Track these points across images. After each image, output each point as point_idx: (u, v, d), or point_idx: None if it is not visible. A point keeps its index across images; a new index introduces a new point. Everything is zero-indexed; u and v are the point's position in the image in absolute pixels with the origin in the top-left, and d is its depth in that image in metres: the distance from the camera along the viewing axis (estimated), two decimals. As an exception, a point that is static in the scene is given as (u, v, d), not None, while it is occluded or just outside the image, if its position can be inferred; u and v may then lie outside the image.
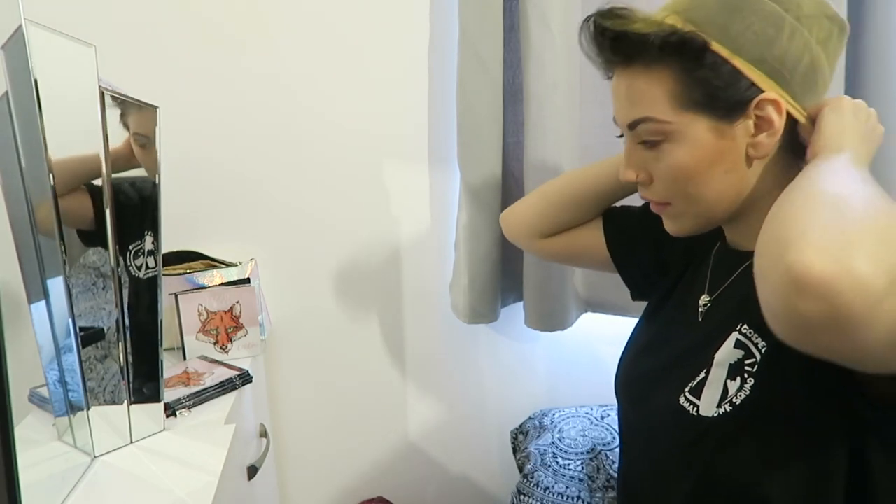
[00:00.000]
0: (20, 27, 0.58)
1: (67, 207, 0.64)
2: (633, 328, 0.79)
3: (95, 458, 0.70)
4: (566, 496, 0.97)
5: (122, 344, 0.71)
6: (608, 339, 1.04)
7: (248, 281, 1.06)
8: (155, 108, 0.74)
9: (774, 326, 0.42)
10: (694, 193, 0.59)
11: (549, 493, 0.97)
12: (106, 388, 0.71)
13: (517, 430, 1.21)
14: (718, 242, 0.68)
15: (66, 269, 0.64)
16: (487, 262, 1.14)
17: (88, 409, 0.69)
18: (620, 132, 0.64)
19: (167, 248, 0.87)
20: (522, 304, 1.19)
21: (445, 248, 1.24)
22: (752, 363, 0.54)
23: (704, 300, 0.65)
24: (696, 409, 0.57)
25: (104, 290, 0.69)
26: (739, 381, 0.54)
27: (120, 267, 0.71)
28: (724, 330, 0.58)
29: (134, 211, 0.74)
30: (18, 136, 0.62)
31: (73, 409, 0.70)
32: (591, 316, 1.24)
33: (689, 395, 0.58)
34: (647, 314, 0.78)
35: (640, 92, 0.58)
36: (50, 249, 0.64)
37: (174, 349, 1.02)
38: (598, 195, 0.81)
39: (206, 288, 1.03)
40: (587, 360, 1.31)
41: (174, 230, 0.93)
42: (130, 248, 0.73)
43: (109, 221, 0.68)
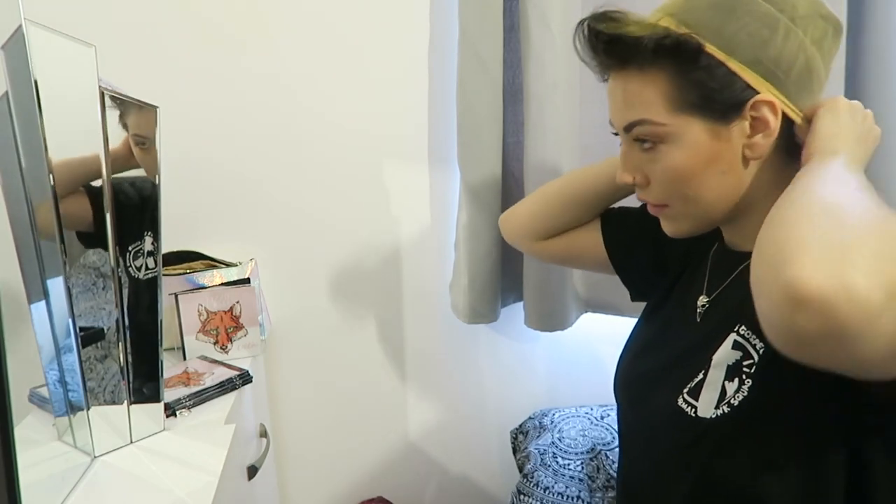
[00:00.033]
0: (20, 27, 0.58)
1: (66, 210, 0.63)
2: (632, 328, 0.79)
3: (95, 458, 0.70)
4: (566, 496, 0.97)
5: (122, 344, 0.71)
6: (608, 339, 1.04)
7: (248, 281, 1.06)
8: (155, 108, 0.74)
9: (772, 338, 0.42)
10: (691, 195, 0.59)
11: (549, 492, 0.97)
12: (106, 388, 0.71)
13: (517, 430, 1.21)
14: (717, 243, 0.68)
15: (66, 269, 0.64)
16: (487, 262, 1.14)
17: (88, 409, 0.69)
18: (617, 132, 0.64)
19: (167, 248, 0.87)
20: (522, 304, 1.19)
21: (445, 248, 1.24)
22: (750, 364, 0.54)
23: (703, 301, 0.65)
24: (694, 410, 0.57)
25: (104, 290, 0.69)
26: (737, 382, 0.54)
27: (120, 268, 0.71)
28: (722, 331, 0.58)
29: (133, 212, 0.74)
30: (18, 136, 0.62)
31: (73, 409, 0.70)
32: (590, 316, 1.24)
33: (687, 396, 0.58)
34: (645, 314, 0.78)
35: (635, 95, 0.58)
36: (50, 250, 0.64)
37: (174, 349, 1.02)
38: (595, 197, 0.81)
39: (206, 288, 1.03)
40: (587, 360, 1.31)
41: (174, 230, 0.93)
42: (130, 248, 0.73)
43: (109, 222, 0.68)
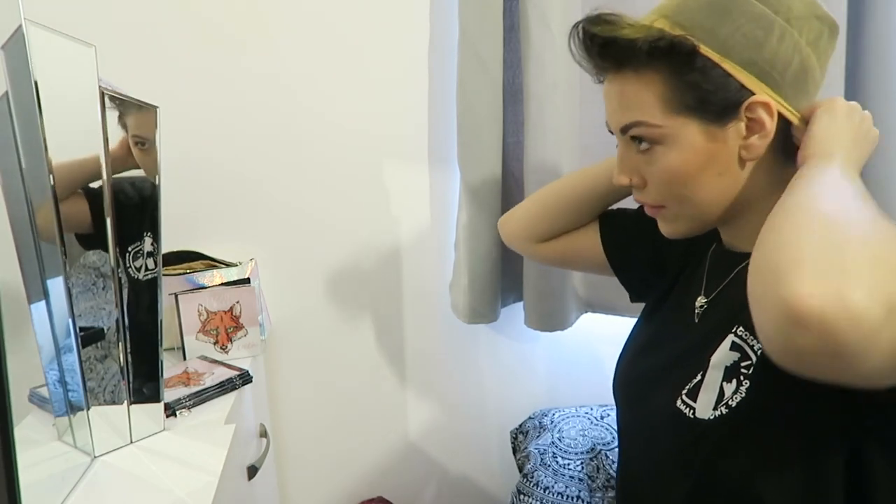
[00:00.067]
0: (20, 27, 0.58)
1: (65, 212, 0.63)
2: (631, 329, 0.79)
3: (95, 458, 0.70)
4: (566, 496, 0.97)
5: (122, 344, 0.71)
6: (608, 338, 1.04)
7: (248, 281, 1.06)
8: (155, 108, 0.74)
9: (771, 354, 0.41)
10: (687, 196, 0.59)
11: (548, 492, 0.97)
12: (106, 388, 0.71)
13: (517, 429, 1.21)
14: (715, 244, 0.68)
15: (66, 269, 0.64)
16: (487, 262, 1.14)
17: (88, 409, 0.69)
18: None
19: (167, 248, 0.87)
20: (522, 304, 1.19)
21: (445, 248, 1.24)
22: (747, 365, 0.53)
23: (701, 301, 0.65)
24: (692, 411, 0.57)
25: (104, 290, 0.69)
26: (735, 383, 0.54)
27: (119, 268, 0.70)
28: (719, 332, 0.57)
29: (133, 212, 0.73)
30: (18, 136, 0.62)
31: (73, 409, 0.70)
32: (590, 316, 1.24)
33: (685, 397, 0.58)
34: (644, 315, 0.78)
35: (630, 96, 0.58)
36: (50, 250, 0.64)
37: (174, 349, 1.02)
38: (593, 198, 0.81)
39: (206, 288, 1.03)
40: (587, 360, 1.31)
41: (174, 230, 0.93)
42: (130, 249, 0.73)
43: (109, 223, 0.68)
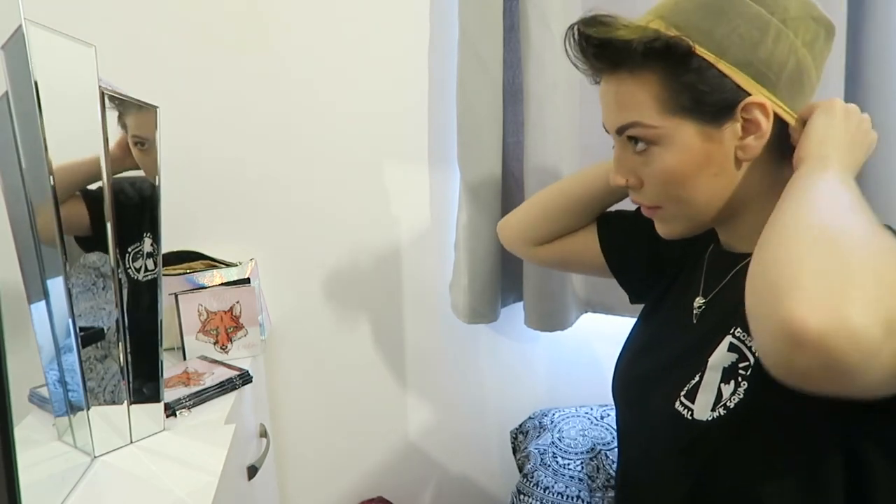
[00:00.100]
0: (20, 27, 0.58)
1: (63, 216, 0.63)
2: (630, 329, 0.79)
3: (95, 458, 0.70)
4: (566, 496, 0.97)
5: (122, 344, 0.71)
6: (608, 338, 1.04)
7: (248, 281, 1.06)
8: (155, 108, 0.74)
9: (770, 369, 0.41)
10: (684, 197, 0.59)
11: (548, 492, 0.97)
12: (106, 388, 0.71)
13: (517, 429, 1.21)
14: (712, 244, 0.68)
15: (66, 269, 0.64)
16: (487, 262, 1.14)
17: (88, 409, 0.69)
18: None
19: (167, 248, 0.87)
20: (522, 304, 1.19)
21: (445, 248, 1.24)
22: (745, 367, 0.53)
23: (699, 302, 0.65)
24: (690, 412, 0.57)
25: (104, 290, 0.69)
26: (733, 384, 0.54)
27: (119, 269, 0.70)
28: (717, 333, 0.57)
29: (132, 213, 0.73)
30: (18, 136, 0.62)
31: (73, 409, 0.70)
32: (590, 316, 1.24)
33: (684, 398, 0.58)
34: (643, 315, 0.78)
35: (626, 97, 0.58)
36: (50, 251, 0.64)
37: (174, 349, 1.02)
38: (590, 200, 0.81)
39: (206, 288, 1.03)
40: (587, 360, 1.31)
41: (174, 230, 0.93)
42: (129, 250, 0.73)
43: (109, 223, 0.68)
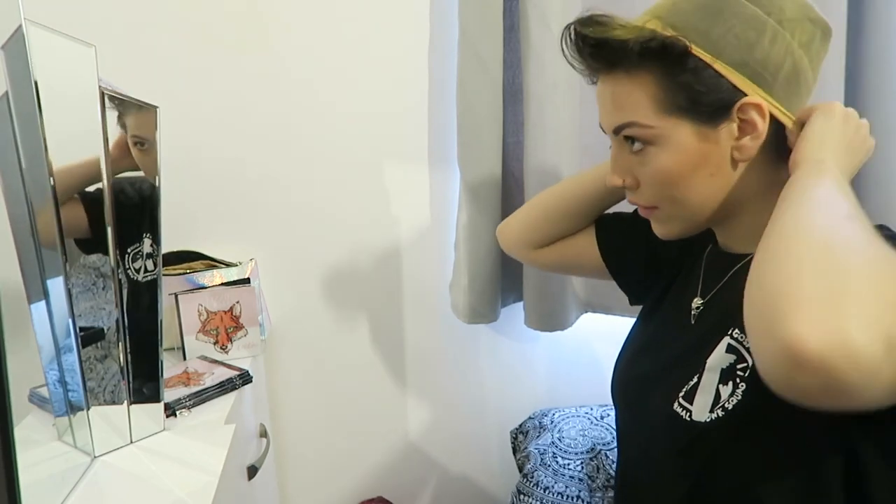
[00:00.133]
0: (20, 27, 0.58)
1: (62, 219, 0.63)
2: (629, 330, 0.79)
3: (95, 458, 0.70)
4: (566, 496, 0.97)
5: (122, 344, 0.71)
6: (608, 338, 1.04)
7: (248, 281, 1.06)
8: (155, 108, 0.74)
9: (770, 386, 0.41)
10: (680, 197, 0.59)
11: (548, 492, 0.97)
12: (106, 388, 0.71)
13: (517, 429, 1.21)
14: (710, 245, 0.68)
15: (66, 269, 0.64)
16: (487, 262, 1.14)
17: (88, 409, 0.69)
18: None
19: (167, 247, 0.87)
20: (522, 304, 1.19)
21: (445, 248, 1.24)
22: (743, 368, 0.53)
23: (697, 303, 0.64)
24: (689, 414, 0.57)
25: (104, 290, 0.69)
26: (732, 385, 0.54)
27: (119, 269, 0.70)
28: (716, 334, 0.57)
29: (132, 214, 0.73)
30: (18, 136, 0.62)
31: (73, 409, 0.70)
32: (590, 316, 1.24)
33: (682, 399, 0.58)
34: (642, 315, 0.78)
35: (623, 97, 0.58)
36: (50, 251, 0.64)
37: (174, 349, 1.02)
38: (588, 203, 0.81)
39: (206, 288, 1.03)
40: (587, 360, 1.31)
41: (174, 230, 0.93)
42: (129, 251, 0.72)
43: (109, 224, 0.68)
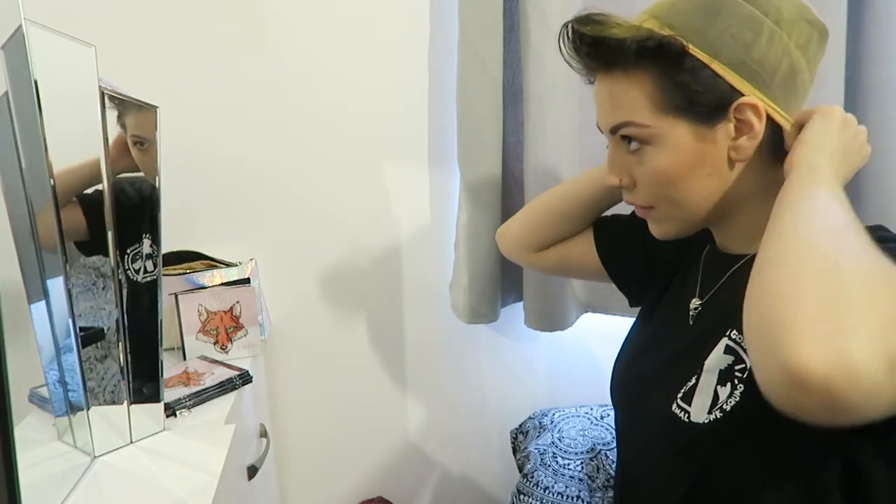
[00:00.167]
0: (20, 27, 0.58)
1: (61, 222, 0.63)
2: (628, 330, 0.79)
3: (95, 458, 0.70)
4: (566, 496, 0.97)
5: (122, 344, 0.71)
6: (608, 338, 1.04)
7: (248, 281, 1.06)
8: (155, 108, 0.74)
9: (771, 402, 0.41)
10: (676, 197, 0.59)
11: (548, 492, 0.97)
12: (106, 388, 0.71)
13: (517, 429, 1.21)
14: (708, 245, 0.68)
15: (66, 269, 0.64)
16: (487, 262, 1.14)
17: (88, 409, 0.69)
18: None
19: (167, 248, 0.87)
20: (522, 304, 1.19)
21: (445, 248, 1.24)
22: (741, 369, 0.53)
23: (695, 304, 0.64)
24: (687, 415, 0.57)
25: (104, 290, 0.69)
26: (730, 387, 0.54)
27: (119, 270, 0.70)
28: (714, 335, 0.57)
29: (132, 214, 0.73)
30: (18, 136, 0.62)
31: (73, 409, 0.70)
32: (590, 316, 1.24)
33: (680, 401, 0.58)
34: (641, 316, 0.78)
35: (620, 97, 0.58)
36: (50, 251, 0.64)
37: (174, 349, 1.02)
38: (586, 205, 0.81)
39: (206, 288, 1.03)
40: (587, 360, 1.31)
41: (174, 230, 0.93)
42: (128, 251, 0.72)
43: (109, 224, 0.68)
